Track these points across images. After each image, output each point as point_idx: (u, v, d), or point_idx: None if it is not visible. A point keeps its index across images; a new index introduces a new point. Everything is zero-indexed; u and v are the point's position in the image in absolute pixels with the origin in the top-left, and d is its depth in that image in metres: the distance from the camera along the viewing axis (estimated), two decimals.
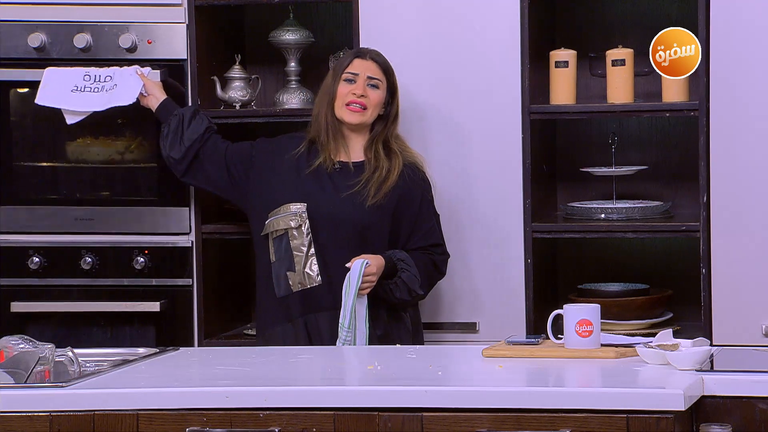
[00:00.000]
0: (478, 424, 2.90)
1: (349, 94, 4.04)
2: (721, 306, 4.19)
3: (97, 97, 4.41)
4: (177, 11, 4.48)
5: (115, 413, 3.00)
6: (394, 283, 3.99)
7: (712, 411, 2.96)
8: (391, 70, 4.11)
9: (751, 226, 4.16)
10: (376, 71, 4.07)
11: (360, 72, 4.05)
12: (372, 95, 4.05)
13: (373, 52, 4.12)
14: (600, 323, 3.30)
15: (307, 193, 4.05)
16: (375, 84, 4.06)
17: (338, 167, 4.07)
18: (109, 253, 4.55)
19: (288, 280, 4.04)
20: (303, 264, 4.02)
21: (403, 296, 4.00)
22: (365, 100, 4.04)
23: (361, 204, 4.02)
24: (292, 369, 3.30)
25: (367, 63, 4.07)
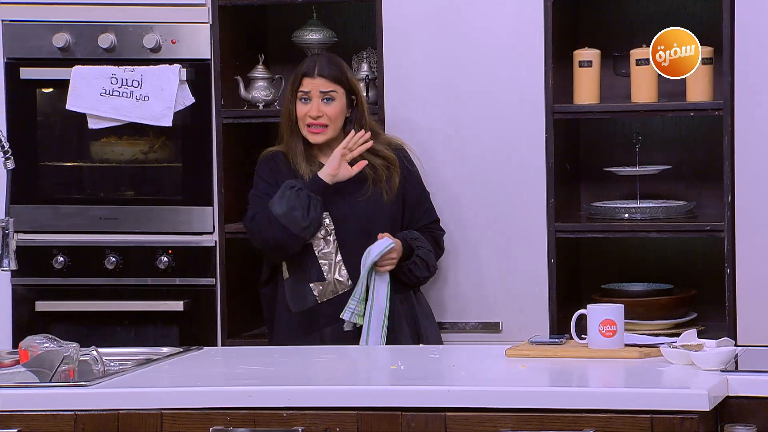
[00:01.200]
0: (502, 424, 2.90)
1: (306, 116, 4.05)
2: (746, 306, 4.17)
3: (128, 104, 4.45)
4: (201, 11, 4.49)
5: (139, 412, 3.01)
6: (413, 263, 4.03)
7: (737, 411, 2.94)
8: (343, 75, 4.09)
9: None
10: (326, 85, 4.06)
11: (311, 89, 4.06)
12: (328, 110, 4.05)
13: (321, 64, 4.09)
14: (624, 323, 3.29)
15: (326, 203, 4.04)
16: (329, 97, 4.06)
17: None
18: (133, 252, 4.56)
19: (312, 292, 4.03)
20: (333, 271, 4.03)
21: (423, 273, 4.06)
22: (323, 119, 4.05)
23: (377, 202, 4.05)
24: (315, 369, 3.30)
25: (316, 80, 4.06)
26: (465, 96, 4.35)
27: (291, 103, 4.09)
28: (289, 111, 4.10)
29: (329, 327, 4.01)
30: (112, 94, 4.49)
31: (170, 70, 4.48)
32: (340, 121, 4.10)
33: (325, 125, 4.06)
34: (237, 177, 4.62)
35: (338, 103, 4.07)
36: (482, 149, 4.32)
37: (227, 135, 4.55)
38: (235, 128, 4.59)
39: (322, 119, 4.05)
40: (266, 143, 4.84)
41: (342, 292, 4.02)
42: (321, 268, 4.02)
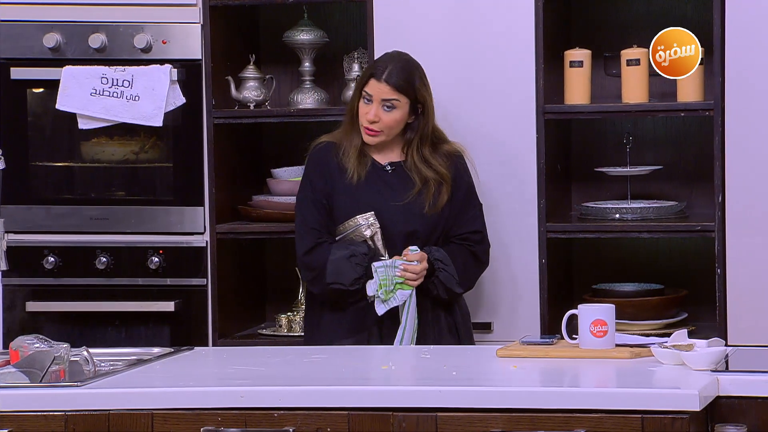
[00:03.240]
0: (493, 424, 2.90)
1: (364, 118, 3.99)
2: (736, 306, 4.18)
3: (119, 104, 4.45)
4: (192, 11, 4.49)
5: (130, 413, 3.00)
6: (431, 282, 3.97)
7: (728, 411, 2.95)
8: (410, 85, 3.99)
9: (766, 225, 4.15)
10: (389, 93, 3.97)
11: (374, 94, 3.98)
12: (386, 118, 3.97)
13: (389, 71, 3.99)
14: (615, 323, 3.30)
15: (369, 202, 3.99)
16: (391, 106, 3.97)
17: (390, 169, 4.04)
18: (124, 252, 4.56)
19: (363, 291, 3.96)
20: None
21: (441, 294, 4.00)
22: (377, 125, 3.98)
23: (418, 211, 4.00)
24: (306, 369, 3.30)
25: (381, 86, 3.97)
26: (455, 96, 4.35)
27: (355, 98, 4.03)
28: (352, 104, 4.04)
29: (377, 326, 3.96)
30: (102, 95, 4.49)
31: (161, 70, 4.48)
32: (398, 129, 4.01)
33: (379, 131, 3.99)
34: (228, 177, 4.61)
35: (399, 111, 3.99)
36: (473, 149, 4.32)
37: (218, 135, 4.54)
38: (226, 128, 4.58)
39: (377, 125, 3.98)
40: (258, 143, 4.85)
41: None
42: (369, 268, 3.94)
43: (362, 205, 4.00)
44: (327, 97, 4.66)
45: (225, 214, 4.59)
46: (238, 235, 4.58)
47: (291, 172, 4.62)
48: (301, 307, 4.60)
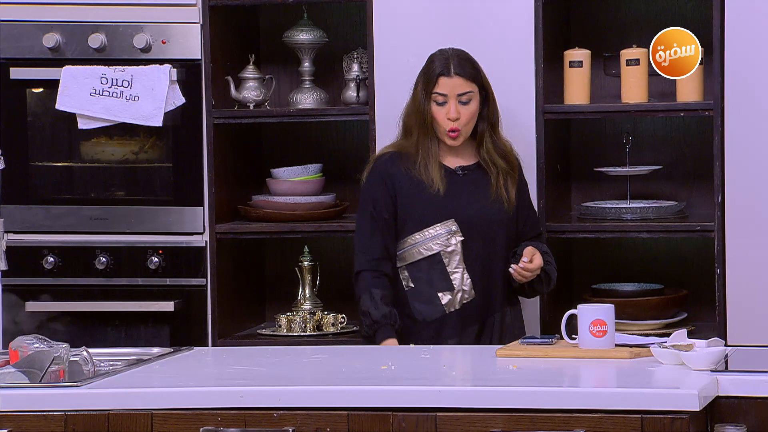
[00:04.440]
0: (492, 424, 2.90)
1: (447, 121, 3.86)
2: (736, 306, 4.17)
3: (118, 104, 4.45)
4: (191, 11, 4.49)
5: (130, 413, 3.00)
6: (537, 278, 3.89)
7: (727, 411, 2.95)
8: (477, 73, 3.91)
9: (766, 225, 4.15)
10: (463, 86, 3.87)
11: (448, 92, 3.86)
12: (464, 112, 3.88)
13: (457, 63, 3.88)
14: (614, 323, 3.30)
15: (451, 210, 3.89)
16: (466, 99, 3.88)
17: (461, 173, 3.94)
18: (124, 252, 4.56)
19: (441, 302, 3.88)
20: (461, 280, 3.89)
21: (543, 288, 3.96)
22: (458, 123, 3.87)
23: (500, 208, 3.92)
24: (306, 369, 3.30)
25: (453, 80, 3.86)
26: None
27: (425, 104, 3.88)
28: (422, 111, 3.88)
29: (455, 338, 3.87)
30: (102, 95, 4.49)
31: (161, 70, 4.48)
32: (472, 124, 3.92)
33: (460, 129, 3.88)
34: (228, 177, 4.61)
35: (474, 103, 3.89)
36: None
37: (218, 135, 4.54)
38: (226, 128, 4.58)
39: (457, 123, 3.87)
40: (257, 143, 4.85)
41: (466, 301, 3.89)
42: (450, 278, 3.87)
43: (443, 214, 3.88)
44: (327, 97, 4.66)
45: (225, 214, 4.59)
46: (237, 235, 4.58)
47: (291, 172, 4.62)
48: (300, 307, 4.60)
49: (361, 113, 4.48)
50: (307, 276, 4.60)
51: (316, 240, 4.69)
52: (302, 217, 4.56)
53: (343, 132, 4.80)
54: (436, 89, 3.88)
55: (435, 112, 3.89)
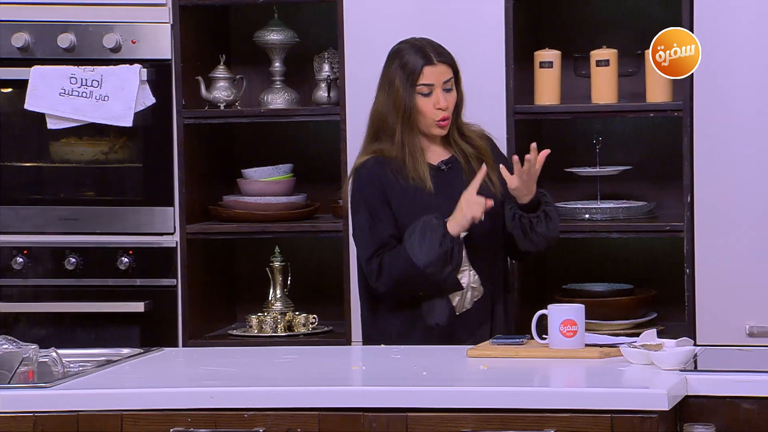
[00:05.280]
0: (463, 424, 2.90)
1: (435, 111, 3.69)
2: (705, 306, 4.20)
3: (88, 104, 4.44)
4: (161, 11, 4.48)
5: (100, 414, 2.99)
6: (536, 217, 3.66)
7: (696, 411, 2.96)
8: (454, 59, 3.75)
9: (734, 226, 4.17)
10: (447, 72, 3.71)
11: (434, 81, 3.69)
12: (450, 99, 3.72)
13: (434, 51, 3.72)
14: (584, 323, 3.31)
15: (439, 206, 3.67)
16: (450, 86, 3.72)
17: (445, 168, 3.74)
18: (94, 253, 4.54)
19: (450, 304, 3.69)
20: (468, 278, 3.70)
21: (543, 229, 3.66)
22: (446, 112, 3.71)
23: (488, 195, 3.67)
24: (277, 369, 3.30)
25: (438, 68, 3.69)
26: None
27: (408, 99, 3.66)
28: (404, 107, 3.67)
29: (470, 339, 3.63)
30: (71, 94, 4.47)
31: (130, 70, 4.47)
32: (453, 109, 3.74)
33: (449, 116, 3.70)
34: (198, 177, 4.60)
35: (455, 91, 3.73)
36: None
37: (188, 135, 4.53)
38: (197, 128, 4.57)
39: (446, 111, 3.69)
40: (228, 144, 4.84)
41: (476, 299, 3.71)
42: (457, 278, 3.68)
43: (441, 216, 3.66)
44: (297, 97, 4.65)
45: (195, 214, 4.58)
46: (208, 236, 4.57)
47: (261, 172, 4.62)
48: (271, 308, 4.60)
49: (332, 113, 4.48)
50: (278, 276, 4.60)
51: (287, 240, 4.69)
52: (273, 218, 4.55)
53: (314, 132, 4.80)
54: (421, 81, 3.68)
55: (421, 105, 3.68)
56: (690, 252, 4.22)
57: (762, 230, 4.15)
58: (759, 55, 4.13)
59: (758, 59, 4.13)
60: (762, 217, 4.16)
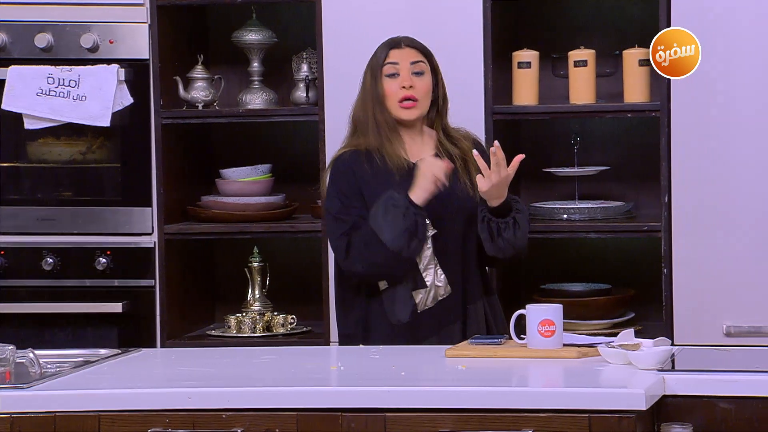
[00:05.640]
0: (441, 425, 2.90)
1: (399, 91, 3.67)
2: (683, 306, 4.21)
3: (65, 104, 4.43)
4: (139, 11, 4.47)
5: (77, 414, 2.98)
6: (505, 222, 3.64)
7: (674, 410, 2.97)
8: (430, 52, 3.75)
9: (712, 226, 4.19)
10: (416, 55, 3.70)
11: (400, 61, 3.69)
12: (419, 84, 3.69)
13: (407, 38, 3.75)
14: (562, 323, 3.31)
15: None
16: (419, 70, 3.70)
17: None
18: (71, 253, 4.53)
19: (413, 301, 3.68)
20: (433, 277, 3.69)
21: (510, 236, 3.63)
22: (413, 91, 3.68)
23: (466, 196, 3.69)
24: (255, 370, 3.29)
25: (405, 50, 3.70)
26: None
27: (376, 85, 3.68)
28: (372, 95, 3.68)
29: (433, 337, 3.66)
30: (49, 94, 4.46)
31: (108, 70, 4.46)
32: (428, 100, 3.72)
33: (416, 99, 3.68)
34: (176, 177, 4.60)
35: (427, 77, 3.70)
36: None
37: (166, 135, 4.52)
38: (175, 128, 4.57)
39: (413, 91, 3.67)
40: (207, 144, 4.83)
41: (441, 298, 3.69)
42: (421, 274, 3.67)
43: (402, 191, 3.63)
44: (276, 97, 4.65)
45: (174, 214, 4.57)
46: (186, 236, 4.56)
47: (240, 172, 4.61)
48: (250, 308, 4.59)
49: (311, 114, 4.48)
50: (257, 277, 4.60)
51: (266, 240, 4.68)
52: (252, 218, 4.55)
53: (293, 132, 4.80)
54: (387, 60, 3.69)
55: (387, 86, 3.68)
56: (667, 252, 4.23)
57: (739, 230, 4.17)
58: (736, 56, 4.15)
59: (735, 60, 4.15)
60: (739, 217, 4.17)
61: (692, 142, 4.20)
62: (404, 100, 3.69)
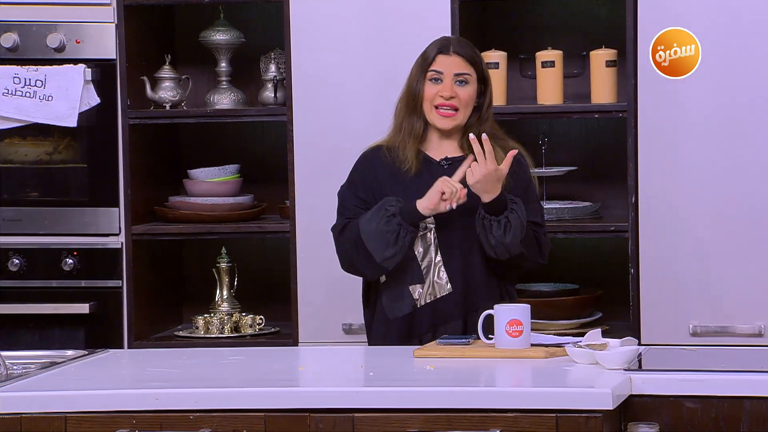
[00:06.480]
0: (410, 425, 2.91)
1: (437, 97, 3.64)
2: (649, 305, 4.23)
3: (32, 105, 4.41)
4: (106, 11, 4.45)
5: (43, 416, 2.97)
6: (497, 220, 3.59)
7: (640, 410, 2.98)
8: (479, 60, 3.70)
9: (678, 226, 4.21)
10: (462, 66, 3.65)
11: (445, 70, 3.64)
12: (461, 93, 3.65)
13: (457, 43, 3.69)
14: (530, 323, 3.32)
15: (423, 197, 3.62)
16: (463, 80, 3.65)
17: (446, 165, 3.69)
18: (38, 254, 4.51)
19: (412, 296, 3.66)
20: (433, 273, 3.66)
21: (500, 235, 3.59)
22: (455, 101, 3.64)
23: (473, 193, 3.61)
24: (222, 370, 3.29)
25: (452, 58, 3.65)
26: (373, 97, 4.35)
27: (418, 85, 3.65)
28: (413, 93, 3.66)
29: (429, 333, 3.63)
30: (15, 94, 4.44)
31: (75, 70, 4.44)
32: (469, 110, 3.67)
33: (456, 108, 3.64)
34: (144, 178, 4.58)
35: (471, 87, 3.66)
36: None
37: (134, 135, 4.51)
38: (142, 129, 4.55)
39: (453, 101, 3.63)
40: (174, 144, 4.82)
41: (440, 296, 3.66)
42: (420, 269, 3.65)
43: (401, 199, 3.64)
44: (244, 97, 4.64)
45: (141, 215, 4.55)
46: (154, 237, 4.54)
47: (208, 172, 4.60)
48: (218, 309, 4.58)
49: (279, 114, 4.47)
50: (225, 277, 4.59)
51: (234, 241, 4.67)
52: (220, 218, 4.54)
53: (261, 133, 4.79)
54: (432, 67, 3.66)
55: (427, 90, 3.65)
56: (634, 252, 4.25)
57: (705, 230, 4.19)
58: (703, 57, 4.17)
59: (702, 60, 4.17)
60: (705, 217, 4.20)
61: (659, 143, 4.22)
62: (441, 107, 3.66)
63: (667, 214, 4.21)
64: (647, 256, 4.23)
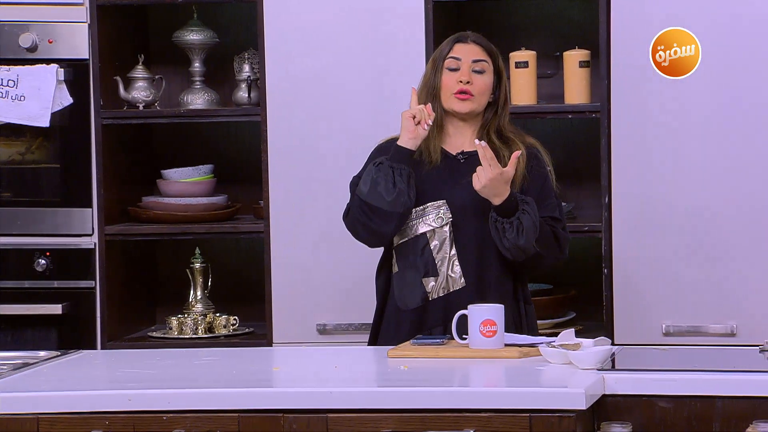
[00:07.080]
0: (384, 425, 2.91)
1: (456, 83, 3.65)
2: (622, 306, 4.24)
3: (4, 105, 4.40)
4: (79, 10, 4.44)
5: (16, 417, 2.96)
6: (509, 222, 3.58)
7: (613, 409, 2.99)
8: (495, 52, 3.72)
9: (651, 226, 4.23)
10: (480, 54, 3.68)
11: (462, 57, 3.66)
12: (478, 81, 3.66)
13: (474, 35, 3.73)
14: (504, 323, 3.33)
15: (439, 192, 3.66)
16: (481, 69, 3.67)
17: (462, 159, 3.69)
18: (10, 255, 4.49)
19: (424, 288, 3.65)
20: (447, 266, 3.65)
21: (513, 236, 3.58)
22: (471, 87, 3.65)
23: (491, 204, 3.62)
24: (196, 371, 3.28)
25: (469, 46, 3.68)
26: (348, 97, 4.35)
27: (435, 76, 3.67)
28: (431, 86, 3.67)
29: (439, 327, 3.62)
30: None
31: (47, 69, 4.42)
32: (485, 99, 3.68)
33: (472, 94, 3.65)
34: (117, 178, 4.57)
35: (488, 77, 3.68)
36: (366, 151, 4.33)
37: (107, 135, 4.50)
38: (115, 129, 4.54)
39: (470, 87, 3.64)
40: (148, 144, 4.81)
41: (453, 290, 3.64)
42: (435, 262, 3.64)
43: (434, 194, 3.65)
44: (217, 97, 4.63)
45: (114, 215, 4.54)
46: (127, 237, 4.53)
47: (181, 173, 4.59)
48: (192, 309, 4.57)
49: (253, 114, 4.46)
50: (199, 278, 4.58)
51: (208, 241, 4.67)
52: (194, 219, 4.53)
53: (235, 133, 4.78)
54: (450, 54, 3.68)
55: (445, 79, 3.67)
56: (608, 252, 4.26)
57: (678, 231, 4.21)
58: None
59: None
60: (678, 217, 4.21)
61: (632, 143, 4.23)
62: (460, 92, 3.67)
63: (640, 214, 4.23)
64: (620, 256, 4.24)
